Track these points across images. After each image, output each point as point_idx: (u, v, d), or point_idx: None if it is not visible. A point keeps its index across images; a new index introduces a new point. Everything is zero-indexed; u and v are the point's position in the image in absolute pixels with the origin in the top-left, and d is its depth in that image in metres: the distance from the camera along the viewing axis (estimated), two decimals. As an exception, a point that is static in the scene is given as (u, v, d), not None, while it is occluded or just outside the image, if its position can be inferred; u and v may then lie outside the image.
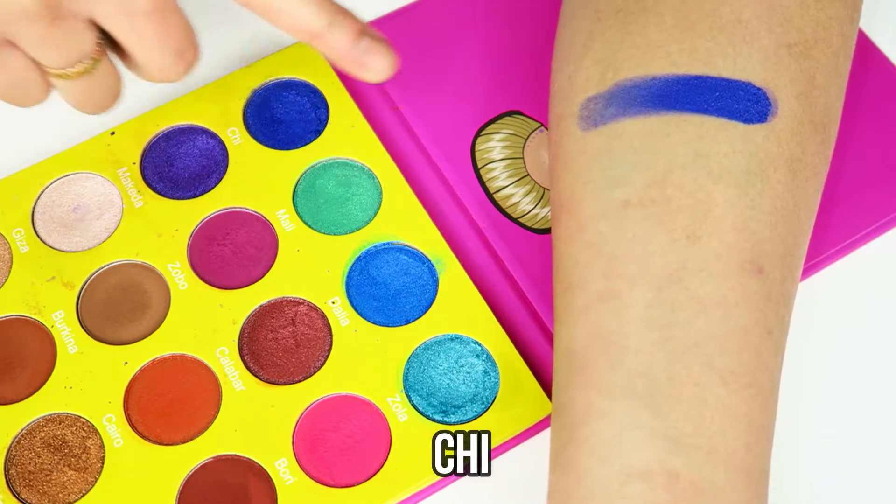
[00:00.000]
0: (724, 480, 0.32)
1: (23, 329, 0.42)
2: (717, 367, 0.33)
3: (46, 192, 0.45)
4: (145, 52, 0.35)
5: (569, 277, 0.36)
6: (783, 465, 0.37)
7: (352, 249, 0.43)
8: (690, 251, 0.34)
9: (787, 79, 0.36)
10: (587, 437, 0.33)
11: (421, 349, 0.41)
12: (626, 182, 0.35)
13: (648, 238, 0.34)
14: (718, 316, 0.33)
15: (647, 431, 0.32)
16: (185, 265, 0.43)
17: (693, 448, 0.32)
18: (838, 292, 0.43)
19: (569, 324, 0.35)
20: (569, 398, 0.34)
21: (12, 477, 0.40)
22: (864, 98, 0.45)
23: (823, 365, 0.42)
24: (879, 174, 0.44)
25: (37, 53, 0.34)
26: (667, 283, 0.34)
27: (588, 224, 0.36)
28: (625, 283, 0.34)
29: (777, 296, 0.34)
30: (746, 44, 0.36)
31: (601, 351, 0.34)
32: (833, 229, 0.43)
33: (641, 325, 0.33)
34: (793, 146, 0.35)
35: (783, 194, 0.35)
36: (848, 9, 0.38)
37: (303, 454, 0.40)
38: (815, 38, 0.36)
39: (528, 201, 0.44)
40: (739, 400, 0.33)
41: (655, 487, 0.32)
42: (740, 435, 0.33)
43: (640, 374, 0.33)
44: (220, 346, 0.41)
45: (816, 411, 0.41)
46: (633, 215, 0.35)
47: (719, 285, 0.33)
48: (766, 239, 0.34)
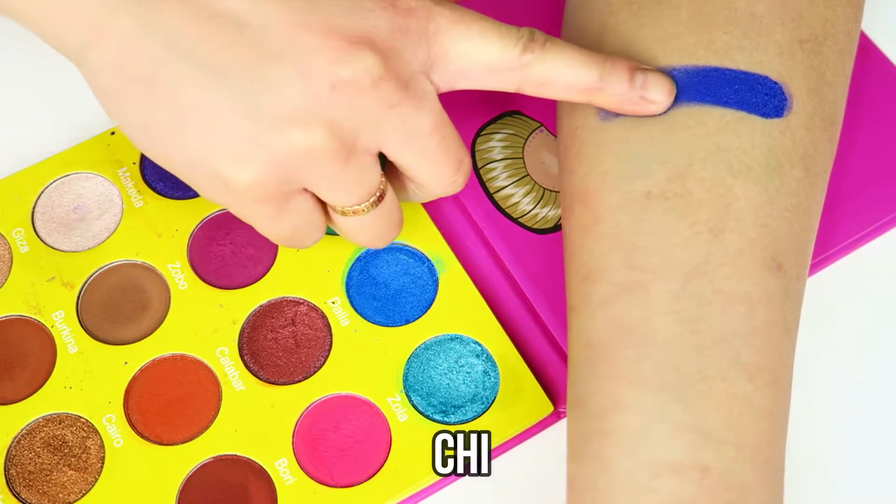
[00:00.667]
0: (751, 476, 0.32)
1: (23, 329, 0.42)
2: (743, 363, 0.33)
3: (46, 192, 0.45)
4: (430, 171, 0.35)
5: (585, 268, 0.36)
6: (789, 462, 0.37)
7: (352, 249, 0.43)
8: (713, 245, 0.34)
9: (801, 74, 0.36)
10: (614, 428, 0.33)
11: (421, 349, 0.41)
12: (648, 174, 0.35)
13: (671, 230, 0.34)
14: (743, 312, 0.33)
15: (677, 425, 0.32)
16: (185, 265, 0.43)
17: (723, 443, 0.32)
18: (840, 291, 0.43)
19: (588, 314, 0.35)
20: (591, 389, 0.34)
21: (12, 477, 0.40)
22: (865, 98, 0.45)
23: (824, 363, 0.42)
24: (880, 174, 0.44)
25: (329, 195, 0.34)
26: (692, 276, 0.33)
27: (605, 215, 0.35)
28: (649, 275, 0.34)
29: (794, 293, 0.35)
30: (762, 37, 0.36)
31: (626, 342, 0.34)
32: (835, 229, 0.43)
33: (668, 318, 0.33)
34: (806, 142, 0.35)
35: (798, 191, 0.35)
36: (853, 7, 0.38)
37: (303, 454, 0.40)
38: (825, 34, 0.36)
39: (528, 201, 0.44)
40: (764, 396, 0.33)
41: (686, 482, 0.32)
42: (764, 431, 0.33)
43: (669, 366, 0.33)
44: (220, 346, 0.41)
45: (817, 409, 0.41)
46: (655, 207, 0.34)
47: (742, 281, 0.33)
48: (784, 236, 0.34)
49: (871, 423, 0.41)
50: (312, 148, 0.32)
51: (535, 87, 0.35)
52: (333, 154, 0.32)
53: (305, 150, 0.32)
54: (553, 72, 0.35)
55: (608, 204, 0.35)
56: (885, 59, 0.47)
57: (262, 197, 0.33)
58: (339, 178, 0.33)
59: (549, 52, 0.34)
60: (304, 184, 0.33)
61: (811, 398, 0.41)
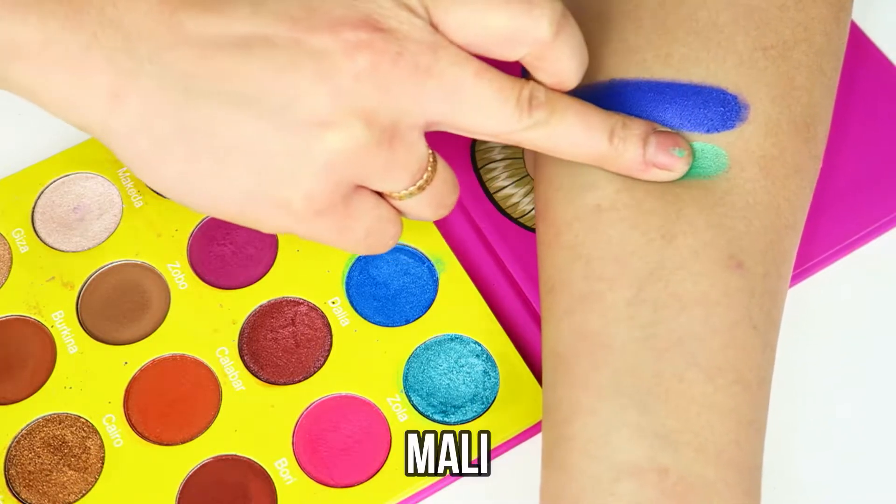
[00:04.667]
0: (714, 476, 0.32)
1: (23, 329, 0.42)
2: (701, 364, 0.33)
3: (46, 192, 0.45)
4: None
5: (550, 280, 0.36)
6: (781, 464, 0.37)
7: (352, 249, 0.43)
8: (667, 251, 0.34)
9: (762, 82, 0.36)
10: (575, 434, 0.33)
11: (421, 349, 0.41)
12: (597, 187, 0.35)
13: (625, 240, 0.35)
14: (700, 313, 0.33)
15: (635, 429, 0.32)
16: (185, 265, 0.43)
17: (682, 444, 0.32)
18: (836, 293, 0.43)
19: (553, 325, 0.36)
20: (556, 397, 0.35)
21: (12, 477, 0.40)
22: (862, 97, 0.45)
23: (821, 366, 0.42)
24: (877, 174, 0.44)
25: (384, 184, 0.33)
26: (647, 283, 0.34)
27: (563, 228, 0.36)
28: (605, 284, 0.34)
29: (761, 291, 0.35)
30: (721, 48, 0.36)
31: (586, 350, 0.34)
32: (831, 231, 0.43)
33: (624, 325, 0.34)
34: (766, 146, 0.36)
35: (755, 191, 0.35)
36: (832, 8, 0.38)
37: (303, 454, 0.40)
38: (795, 38, 0.37)
39: (528, 201, 0.44)
40: (726, 396, 0.33)
41: (645, 484, 0.32)
42: (729, 431, 0.33)
43: (626, 372, 0.33)
44: (220, 346, 0.41)
45: (814, 412, 0.41)
46: (606, 218, 0.35)
47: (699, 282, 0.34)
48: (742, 234, 0.35)
49: (868, 425, 0.41)
50: (354, 143, 0.31)
51: (548, 151, 0.34)
52: (376, 143, 0.32)
53: (348, 147, 0.31)
54: (556, 138, 0.34)
55: (564, 218, 0.36)
56: (883, 56, 0.47)
57: (322, 208, 0.32)
58: (389, 165, 0.32)
59: (556, 116, 0.33)
60: (358, 180, 0.33)
61: (807, 401, 0.41)
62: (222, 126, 0.31)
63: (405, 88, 0.32)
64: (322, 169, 0.32)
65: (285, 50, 0.31)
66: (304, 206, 0.32)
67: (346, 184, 0.32)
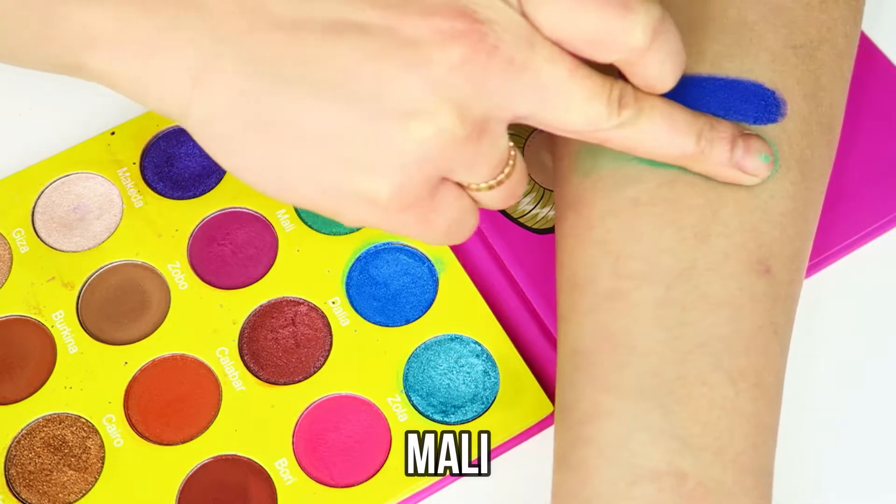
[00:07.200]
0: (732, 481, 0.32)
1: (23, 329, 0.42)
2: (725, 367, 0.33)
3: (46, 192, 0.45)
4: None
5: (574, 276, 0.36)
6: (785, 464, 0.37)
7: (352, 249, 0.43)
8: (699, 251, 0.34)
9: (794, 80, 0.35)
10: (594, 436, 0.33)
11: (421, 349, 0.41)
12: (639, 180, 0.35)
13: (658, 237, 0.34)
14: (727, 315, 0.33)
15: (656, 432, 0.32)
16: (185, 265, 0.43)
17: (701, 448, 0.32)
18: (840, 291, 0.43)
19: (575, 323, 0.35)
20: (575, 397, 0.34)
21: (12, 477, 0.40)
22: (866, 99, 0.45)
23: (825, 363, 0.42)
24: (881, 174, 0.44)
25: (468, 176, 0.32)
26: (676, 283, 0.33)
27: (596, 223, 0.35)
28: (634, 283, 0.34)
29: (784, 296, 0.34)
30: (753, 45, 0.36)
31: (609, 350, 0.34)
32: (835, 228, 0.43)
33: (650, 325, 0.33)
34: (802, 147, 0.35)
35: (794, 195, 0.35)
36: (851, 10, 0.38)
37: (303, 454, 0.40)
38: (820, 39, 0.36)
39: (528, 201, 0.44)
40: (747, 400, 0.33)
41: (663, 488, 0.32)
42: (748, 435, 0.33)
43: (650, 373, 0.33)
44: (220, 346, 0.41)
45: (818, 410, 0.41)
46: (641, 213, 0.34)
47: (728, 285, 0.33)
48: (775, 240, 0.34)
49: (872, 423, 0.41)
50: (446, 136, 0.30)
51: (621, 147, 0.33)
52: (465, 136, 0.30)
53: (440, 140, 0.30)
54: (642, 138, 0.33)
55: (599, 211, 0.35)
56: (887, 60, 0.47)
57: (410, 201, 0.31)
58: (476, 158, 0.31)
59: (644, 116, 0.32)
60: (444, 173, 0.32)
61: (811, 399, 0.41)
62: (311, 114, 0.30)
63: (499, 83, 0.30)
64: (413, 161, 0.30)
65: (377, 37, 0.30)
66: (392, 200, 0.31)
67: (434, 177, 0.31)
